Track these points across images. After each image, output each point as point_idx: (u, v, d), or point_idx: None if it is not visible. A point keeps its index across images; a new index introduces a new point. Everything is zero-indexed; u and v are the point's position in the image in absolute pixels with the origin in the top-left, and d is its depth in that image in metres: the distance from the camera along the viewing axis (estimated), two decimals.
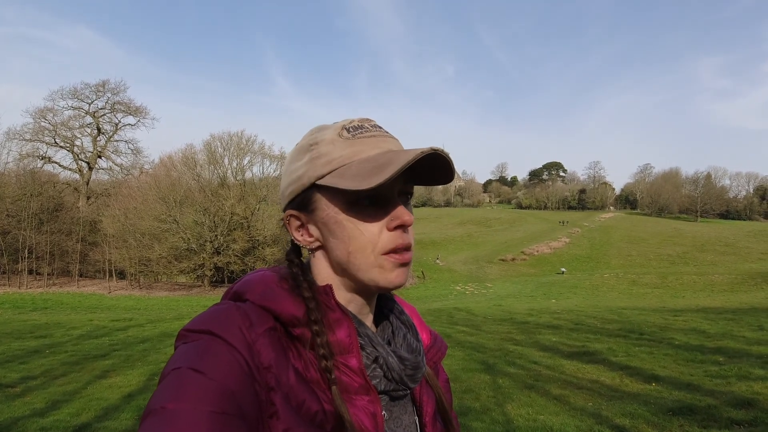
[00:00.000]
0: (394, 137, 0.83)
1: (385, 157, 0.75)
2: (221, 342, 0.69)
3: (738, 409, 5.06)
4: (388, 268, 0.78)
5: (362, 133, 0.80)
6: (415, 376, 0.83)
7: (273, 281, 0.81)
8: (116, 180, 50.33)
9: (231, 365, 0.67)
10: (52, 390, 6.95)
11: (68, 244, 39.14)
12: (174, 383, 0.64)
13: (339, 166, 0.78)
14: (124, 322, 14.79)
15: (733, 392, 5.65)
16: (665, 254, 58.76)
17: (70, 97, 50.19)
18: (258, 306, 0.77)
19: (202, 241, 37.63)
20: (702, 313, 14.47)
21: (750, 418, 4.78)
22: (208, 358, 0.67)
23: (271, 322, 0.76)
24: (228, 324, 0.72)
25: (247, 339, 0.71)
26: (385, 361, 0.80)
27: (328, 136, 0.81)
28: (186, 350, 0.69)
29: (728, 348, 8.26)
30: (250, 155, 43.50)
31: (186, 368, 0.65)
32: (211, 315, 0.74)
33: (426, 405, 0.90)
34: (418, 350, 0.87)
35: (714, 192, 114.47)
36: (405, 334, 0.88)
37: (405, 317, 0.92)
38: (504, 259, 58.50)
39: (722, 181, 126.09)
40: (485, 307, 20.16)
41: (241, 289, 0.81)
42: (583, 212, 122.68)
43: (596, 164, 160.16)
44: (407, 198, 0.82)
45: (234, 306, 0.76)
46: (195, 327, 0.72)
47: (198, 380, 0.64)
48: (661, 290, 33.11)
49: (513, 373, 7.39)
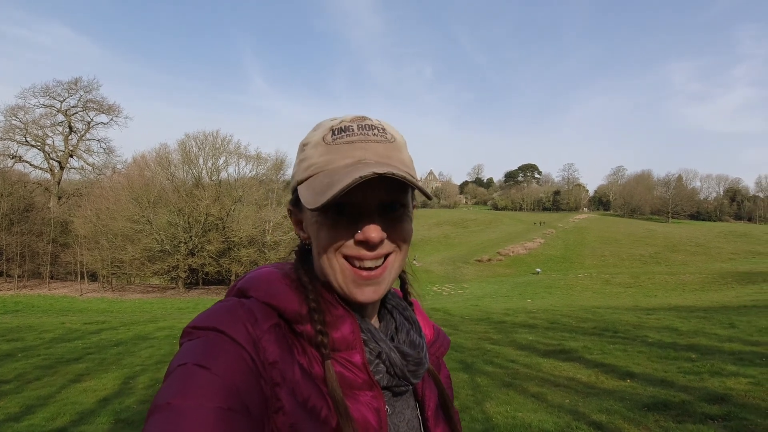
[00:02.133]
0: (386, 140, 0.81)
1: (336, 176, 0.74)
2: (226, 338, 0.70)
3: (711, 404, 5.17)
4: (354, 282, 0.78)
5: (344, 137, 0.79)
6: (418, 371, 0.84)
7: (277, 278, 0.81)
8: (88, 180, 49.49)
9: (236, 361, 0.68)
10: (26, 394, 6.81)
11: (39, 245, 38.40)
12: (179, 379, 0.65)
13: (312, 174, 0.79)
14: (97, 325, 14.52)
15: (707, 388, 5.77)
16: (638, 254, 59.76)
17: (41, 95, 49.23)
18: (262, 303, 0.77)
19: (177, 243, 37.19)
20: (674, 311, 14.72)
21: (724, 412, 4.89)
22: (213, 354, 0.67)
23: (275, 318, 0.76)
24: (233, 320, 0.72)
25: (252, 335, 0.72)
26: (387, 356, 0.81)
27: (314, 138, 0.82)
28: (191, 347, 0.70)
29: (701, 345, 8.42)
30: (225, 155, 43.25)
31: (192, 364, 0.66)
32: (215, 312, 0.75)
33: (428, 400, 0.91)
34: (421, 346, 0.88)
35: (685, 193, 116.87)
36: (408, 330, 0.89)
37: (408, 313, 0.93)
38: (480, 259, 58.94)
39: (693, 183, 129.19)
40: (462, 307, 20.27)
41: (246, 286, 0.81)
42: (557, 213, 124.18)
43: (570, 166, 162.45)
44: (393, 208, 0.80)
45: (238, 302, 0.76)
46: (200, 324, 0.73)
47: (203, 376, 0.65)
48: (634, 289, 33.65)
49: (491, 371, 7.44)
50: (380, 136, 0.81)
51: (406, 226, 0.82)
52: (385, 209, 0.79)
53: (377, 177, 0.71)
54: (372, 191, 0.76)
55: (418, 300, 1.03)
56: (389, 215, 0.79)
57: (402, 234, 0.81)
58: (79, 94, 50.77)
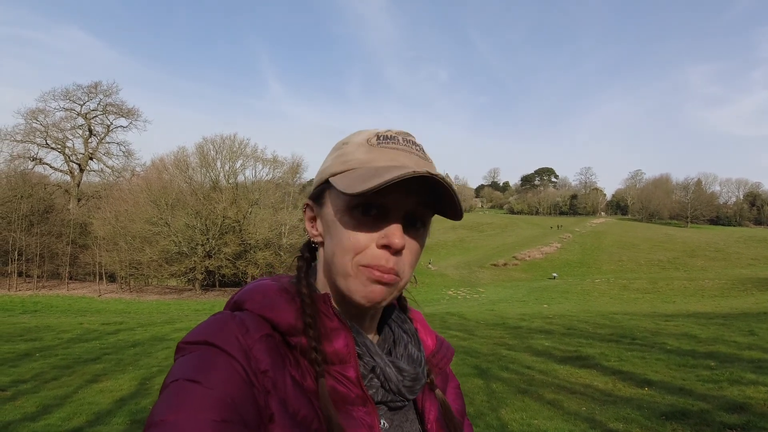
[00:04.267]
0: (426, 158, 0.82)
1: (382, 170, 0.74)
2: (218, 351, 0.69)
3: (731, 414, 5.09)
4: (361, 282, 0.76)
5: (389, 143, 0.80)
6: (414, 387, 0.82)
7: (273, 290, 0.80)
8: (107, 182, 50.00)
9: (228, 373, 0.67)
10: (44, 394, 6.89)
11: (58, 246, 38.91)
12: (172, 395, 0.64)
13: (350, 168, 0.78)
14: (115, 325, 14.67)
15: (726, 396, 5.68)
16: (656, 260, 59.13)
17: (61, 99, 49.82)
18: (256, 315, 0.77)
19: (194, 245, 37.49)
20: (693, 318, 14.54)
21: (743, 422, 4.81)
22: (204, 367, 0.67)
23: (267, 329, 0.75)
24: (224, 333, 0.72)
25: (243, 345, 0.71)
26: (382, 371, 0.79)
27: (358, 139, 0.82)
28: (183, 362, 0.69)
29: (720, 353, 8.30)
30: (242, 159, 43.54)
31: (183, 380, 0.66)
32: (207, 326, 0.74)
33: (428, 412, 0.88)
34: (419, 361, 0.86)
35: (704, 198, 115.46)
36: (406, 344, 0.88)
37: (408, 326, 0.92)
38: (496, 264, 58.68)
39: (712, 188, 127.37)
40: (478, 311, 20.19)
41: (241, 299, 0.81)
42: (574, 218, 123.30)
43: (587, 170, 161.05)
44: (415, 223, 0.79)
45: (230, 315, 0.76)
46: (192, 339, 0.72)
47: (195, 390, 0.64)
48: (652, 295, 33.29)
49: (506, 377, 7.39)
50: (421, 153, 0.82)
51: (421, 245, 0.81)
52: (408, 221, 0.78)
53: (413, 185, 0.72)
54: (404, 198, 0.76)
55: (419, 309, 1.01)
56: (410, 229, 0.78)
57: (417, 251, 0.80)
58: (98, 97, 51.39)
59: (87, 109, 51.15)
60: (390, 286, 0.77)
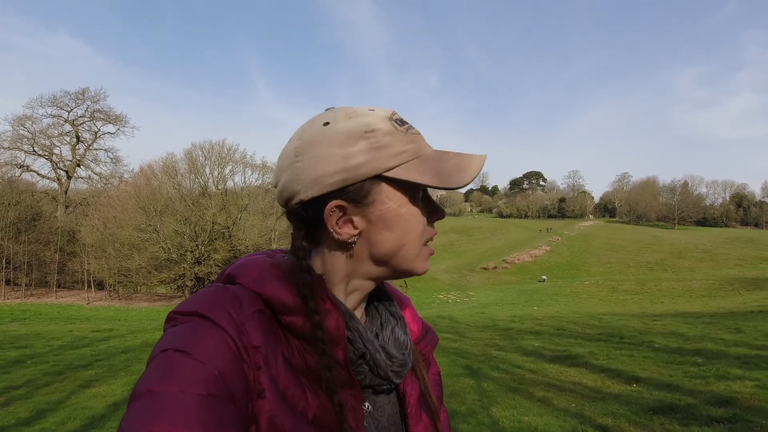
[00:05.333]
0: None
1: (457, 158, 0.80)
2: (209, 323, 0.68)
3: (717, 407, 5.19)
4: (424, 258, 0.82)
5: (408, 127, 0.81)
6: (401, 372, 0.83)
7: (267, 266, 0.79)
8: (95, 189, 49.55)
9: (219, 346, 0.66)
10: (37, 399, 6.88)
11: (46, 254, 38.59)
12: (161, 366, 0.63)
13: (407, 161, 0.77)
14: (105, 332, 14.58)
15: (713, 391, 5.79)
16: (644, 261, 59.53)
17: (49, 105, 49.46)
18: (249, 290, 0.75)
19: (183, 251, 37.25)
20: (681, 317, 14.68)
21: (729, 415, 4.91)
22: (195, 339, 0.66)
23: (260, 305, 0.74)
24: (216, 305, 0.70)
25: (235, 320, 0.69)
26: (372, 357, 0.79)
27: (383, 126, 0.78)
28: (174, 332, 0.68)
29: (707, 350, 8.42)
30: (231, 164, 43.32)
31: (173, 350, 0.64)
32: (199, 297, 0.73)
33: (409, 395, 0.89)
34: (405, 345, 0.86)
35: (691, 200, 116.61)
36: (393, 327, 0.87)
37: (394, 309, 0.91)
38: (486, 267, 58.81)
39: (699, 189, 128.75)
40: (468, 314, 20.25)
41: (234, 273, 0.78)
42: (563, 221, 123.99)
43: (575, 173, 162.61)
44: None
45: (223, 288, 0.74)
46: (184, 309, 0.71)
47: (185, 362, 0.63)
48: (641, 296, 33.48)
49: (497, 377, 7.46)
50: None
51: None
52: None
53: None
54: None
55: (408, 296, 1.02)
56: None
57: None
58: (86, 104, 51.05)
59: (74, 115, 50.80)
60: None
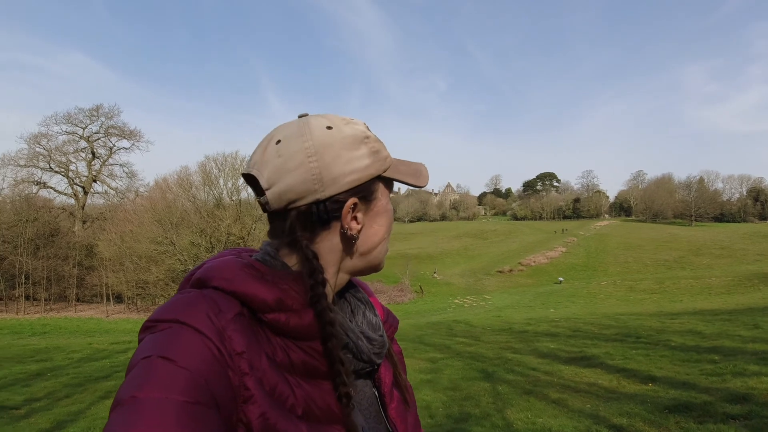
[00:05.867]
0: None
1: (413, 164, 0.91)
2: (190, 330, 0.68)
3: (733, 404, 5.15)
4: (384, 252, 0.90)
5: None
6: (381, 353, 0.88)
7: (239, 266, 0.78)
8: (112, 204, 50.18)
9: (202, 353, 0.66)
10: (57, 411, 7.00)
11: (65, 268, 39.15)
12: (143, 372, 0.63)
13: (390, 165, 0.87)
14: (124, 344, 14.75)
15: (729, 388, 5.74)
16: (661, 259, 58.89)
17: (64, 122, 50.36)
18: (225, 292, 0.75)
19: (199, 263, 37.42)
20: (698, 315, 14.56)
21: (745, 411, 4.87)
22: (178, 346, 0.65)
23: (238, 307, 0.74)
24: (195, 311, 0.70)
25: (216, 326, 0.69)
26: (355, 344, 0.82)
27: (371, 134, 0.87)
28: (154, 339, 0.67)
29: (724, 347, 8.34)
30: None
31: (156, 357, 0.64)
32: (176, 304, 0.72)
33: (384, 377, 0.93)
34: (378, 326, 0.90)
35: (707, 196, 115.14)
36: (364, 311, 0.90)
37: (361, 294, 0.94)
38: (501, 270, 58.51)
39: (715, 185, 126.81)
40: (484, 318, 20.20)
41: (206, 276, 0.77)
42: (578, 221, 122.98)
43: (589, 173, 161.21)
44: None
45: (199, 293, 0.74)
46: (161, 317, 0.70)
47: (168, 369, 0.63)
48: (659, 295, 33.20)
49: (512, 379, 7.45)
50: None
51: None
52: None
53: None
54: None
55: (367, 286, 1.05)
56: None
57: None
58: (100, 120, 51.95)
59: (89, 132, 51.68)
60: None
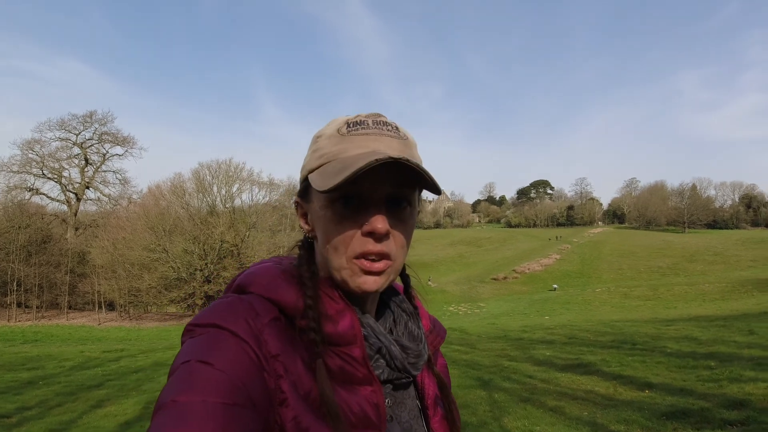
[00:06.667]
0: (399, 137, 0.82)
1: (350, 161, 0.74)
2: (228, 333, 0.70)
3: (730, 410, 5.14)
4: (356, 273, 0.78)
5: (358, 129, 0.80)
6: (418, 363, 0.85)
7: (276, 273, 0.82)
8: (104, 210, 49.97)
9: (239, 356, 0.68)
10: (49, 420, 6.90)
11: (57, 276, 38.87)
12: (184, 376, 0.65)
13: (325, 162, 0.80)
14: (116, 353, 14.63)
15: (726, 394, 5.73)
16: (655, 266, 59.11)
17: (57, 129, 50.16)
18: (263, 297, 0.78)
19: (192, 270, 37.35)
20: (694, 321, 14.58)
21: (742, 417, 4.86)
22: (216, 349, 0.68)
23: (275, 312, 0.77)
24: (233, 316, 0.73)
25: (253, 329, 0.72)
26: (387, 350, 0.81)
27: (328, 131, 0.83)
28: (193, 344, 0.70)
29: (720, 353, 8.34)
30: (238, 183, 43.50)
31: (195, 361, 0.67)
32: (216, 308, 0.75)
33: (428, 388, 0.92)
34: (420, 337, 0.88)
35: (700, 202, 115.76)
36: (406, 323, 0.89)
37: (406, 305, 0.93)
38: (496, 278, 58.60)
39: (708, 192, 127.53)
40: (479, 326, 20.18)
41: (245, 282, 0.82)
42: (572, 228, 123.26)
43: (583, 180, 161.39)
44: (400, 204, 0.80)
45: (237, 298, 0.77)
46: (201, 321, 0.74)
47: (207, 372, 0.65)
48: (654, 302, 33.28)
49: (508, 387, 7.41)
50: (394, 132, 0.82)
51: (410, 224, 0.83)
52: (392, 204, 0.79)
53: (387, 170, 0.73)
54: (381, 183, 0.77)
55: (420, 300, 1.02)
56: (395, 211, 0.80)
57: (406, 231, 0.82)
58: (94, 127, 51.73)
59: (82, 138, 51.47)
60: (382, 274, 0.78)
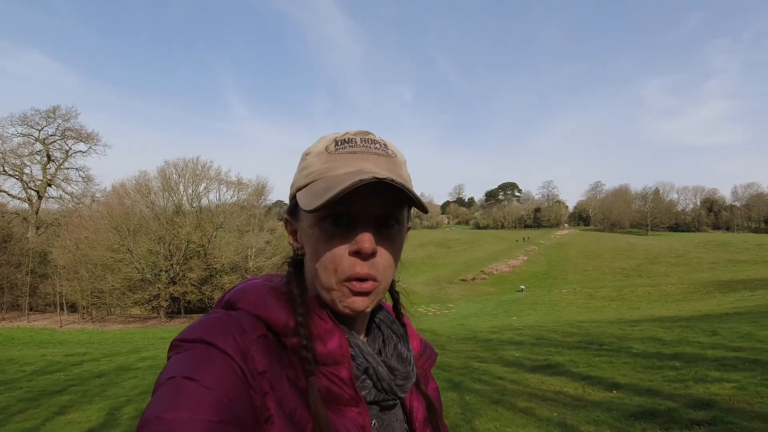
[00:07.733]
0: (386, 154, 0.82)
1: (336, 181, 0.74)
2: (215, 350, 0.69)
3: (697, 410, 5.23)
4: (346, 294, 0.77)
5: (346, 147, 0.80)
6: (405, 386, 0.84)
7: (265, 290, 0.81)
8: (67, 209, 48.60)
9: (225, 372, 0.67)
10: (11, 427, 6.68)
11: (17, 276, 37.76)
12: (169, 393, 0.63)
13: (312, 181, 0.80)
14: (79, 356, 14.26)
15: (692, 394, 5.84)
16: (620, 268, 60.31)
17: (19, 124, 48.47)
18: (251, 314, 0.77)
19: (157, 271, 36.75)
20: (658, 322, 14.85)
21: (709, 417, 4.95)
22: (202, 366, 0.66)
23: (263, 329, 0.76)
24: (220, 332, 0.71)
25: (240, 345, 0.71)
26: (375, 371, 0.80)
27: (317, 148, 0.83)
28: (179, 359, 0.69)
29: (685, 353, 8.50)
30: (206, 182, 43.04)
31: (180, 377, 0.65)
32: (203, 324, 0.74)
33: (416, 411, 0.90)
34: (408, 359, 0.87)
35: (663, 206, 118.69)
36: (396, 344, 0.89)
37: (396, 326, 0.93)
38: (464, 279, 59.07)
39: (670, 196, 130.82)
40: (448, 327, 20.24)
41: (234, 298, 0.81)
42: (539, 230, 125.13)
43: (549, 183, 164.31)
44: (388, 222, 0.80)
45: (225, 314, 0.76)
46: (187, 336, 0.72)
47: (193, 389, 0.63)
48: (618, 302, 33.86)
49: (479, 389, 7.43)
50: (382, 150, 0.82)
51: (398, 242, 0.82)
52: (380, 223, 0.78)
53: (374, 189, 0.73)
54: (368, 203, 0.76)
55: (410, 318, 1.02)
56: (384, 229, 0.79)
57: (394, 249, 0.81)
58: (57, 122, 50.14)
59: (45, 134, 49.86)
60: (370, 294, 0.78)
